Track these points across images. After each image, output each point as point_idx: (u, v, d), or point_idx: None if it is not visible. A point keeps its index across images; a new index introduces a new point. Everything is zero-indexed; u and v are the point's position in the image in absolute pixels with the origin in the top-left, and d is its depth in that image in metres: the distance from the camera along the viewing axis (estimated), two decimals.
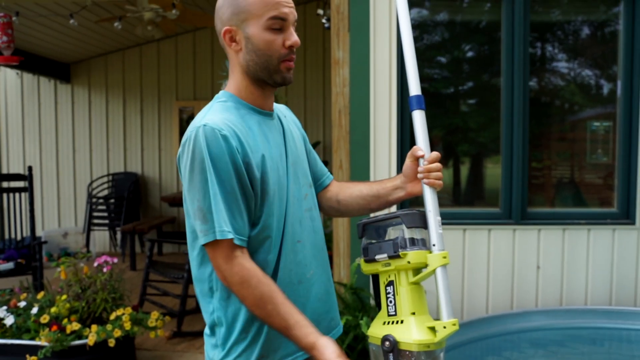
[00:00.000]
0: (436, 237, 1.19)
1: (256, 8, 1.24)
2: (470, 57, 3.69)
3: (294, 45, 1.27)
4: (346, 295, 2.95)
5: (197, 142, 1.18)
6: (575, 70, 3.64)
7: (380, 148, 3.17)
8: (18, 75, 6.93)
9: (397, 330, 1.16)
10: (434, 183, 1.26)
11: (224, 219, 1.18)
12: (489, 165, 3.63)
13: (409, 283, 1.19)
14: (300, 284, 1.31)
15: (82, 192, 7.01)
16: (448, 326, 1.13)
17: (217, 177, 1.18)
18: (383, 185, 1.41)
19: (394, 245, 1.20)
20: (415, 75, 1.30)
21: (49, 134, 7.02)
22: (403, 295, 1.18)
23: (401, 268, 1.19)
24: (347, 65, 3.19)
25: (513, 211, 3.26)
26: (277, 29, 1.25)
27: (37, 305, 3.33)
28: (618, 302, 3.26)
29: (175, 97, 6.92)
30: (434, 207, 1.22)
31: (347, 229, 3.18)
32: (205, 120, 1.21)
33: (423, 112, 1.30)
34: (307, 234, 1.35)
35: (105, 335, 3.12)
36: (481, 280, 3.24)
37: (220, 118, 1.22)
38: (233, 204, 1.19)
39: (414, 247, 1.20)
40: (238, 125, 1.24)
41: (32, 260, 4.25)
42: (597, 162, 3.67)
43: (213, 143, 1.18)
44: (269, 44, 1.25)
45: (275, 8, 1.24)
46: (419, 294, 1.20)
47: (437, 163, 1.28)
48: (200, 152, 1.18)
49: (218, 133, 1.18)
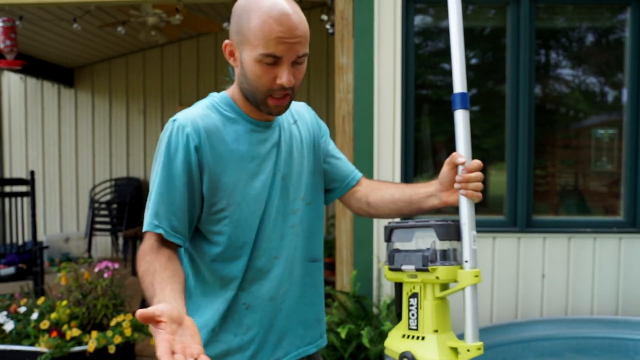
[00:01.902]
0: (469, 253, 1.11)
1: (252, 37, 1.16)
2: (474, 64, 3.67)
3: (284, 85, 1.18)
4: (348, 304, 2.92)
5: (163, 134, 1.22)
6: (580, 78, 3.62)
7: (384, 154, 3.15)
8: (22, 80, 6.94)
9: (417, 348, 1.10)
10: (473, 195, 1.16)
11: (161, 212, 1.18)
12: (493, 172, 3.60)
13: (434, 298, 1.12)
14: (271, 300, 1.28)
15: (84, 197, 7.00)
16: (472, 350, 1.07)
17: (167, 171, 1.19)
18: (416, 190, 1.33)
19: (423, 259, 1.12)
20: (462, 71, 1.18)
21: (52, 139, 7.02)
22: (427, 310, 1.12)
23: (428, 282, 1.12)
24: (351, 71, 3.17)
25: (518, 219, 3.22)
26: (269, 64, 1.17)
27: (37, 310, 3.30)
28: (625, 311, 3.21)
29: (178, 102, 6.92)
30: (469, 220, 1.13)
31: (350, 236, 3.15)
32: (180, 115, 1.22)
33: (467, 112, 1.19)
34: (288, 250, 1.30)
35: (105, 342, 3.09)
36: (485, 288, 3.20)
37: (196, 115, 1.22)
38: (174, 201, 1.19)
39: (445, 261, 1.11)
40: (212, 128, 1.22)
41: (33, 265, 4.23)
42: (602, 170, 3.64)
43: (173, 138, 1.19)
44: (257, 78, 1.19)
45: (270, 45, 1.15)
46: (444, 309, 1.14)
47: (478, 172, 1.17)
48: (161, 144, 1.21)
49: (181, 129, 1.19)
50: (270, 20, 1.14)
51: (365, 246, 3.11)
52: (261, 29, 1.15)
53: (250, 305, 1.27)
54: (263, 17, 1.14)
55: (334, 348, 2.65)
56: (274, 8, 1.15)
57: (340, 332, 2.52)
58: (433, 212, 2.16)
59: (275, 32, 1.14)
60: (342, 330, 2.52)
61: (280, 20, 1.15)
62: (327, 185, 1.45)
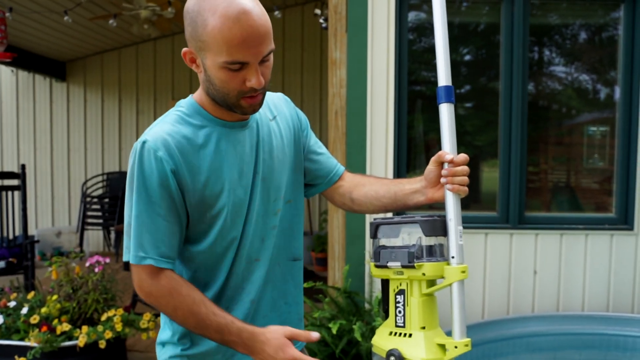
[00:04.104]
0: (456, 248, 1.09)
1: (212, 43, 1.06)
2: (467, 60, 3.66)
3: (255, 87, 1.10)
4: (340, 299, 2.91)
5: (134, 157, 1.14)
6: (573, 75, 3.62)
7: (377, 150, 3.14)
8: (13, 73, 6.88)
9: (405, 345, 1.09)
10: (459, 189, 1.13)
11: (146, 242, 1.13)
12: (485, 169, 3.60)
13: (421, 294, 1.10)
14: (251, 303, 1.27)
15: (76, 191, 6.96)
16: (460, 346, 1.06)
17: (146, 198, 1.12)
18: (401, 187, 1.29)
19: (409, 255, 1.11)
20: (447, 64, 1.17)
21: (43, 133, 6.98)
22: (414, 307, 1.10)
23: (414, 278, 1.10)
24: (344, 66, 3.16)
25: (510, 215, 3.23)
26: (235, 70, 1.08)
27: (27, 305, 3.28)
28: (615, 308, 3.23)
29: (171, 97, 6.88)
30: (455, 216, 1.11)
31: (342, 231, 3.14)
32: (148, 136, 1.13)
33: (452, 105, 1.17)
34: (268, 251, 1.28)
35: (96, 337, 3.07)
36: (477, 284, 3.20)
37: (166, 133, 1.14)
38: (159, 227, 1.13)
39: (431, 257, 1.10)
40: (184, 144, 1.15)
41: (24, 259, 4.20)
42: (594, 167, 3.65)
43: (146, 163, 1.12)
44: (224, 83, 1.11)
45: (233, 52, 1.05)
46: (431, 306, 1.12)
47: (464, 167, 1.14)
48: (133, 169, 1.13)
49: (153, 154, 1.11)
50: (229, 23, 1.03)
51: (357, 242, 3.10)
52: (220, 34, 1.04)
53: (231, 308, 1.24)
54: (220, 20, 1.03)
55: (325, 344, 2.64)
56: (231, 6, 1.04)
57: (332, 328, 2.51)
58: (424, 208, 2.15)
59: (237, 37, 1.04)
60: (334, 325, 2.51)
61: (241, 22, 1.04)
62: (309, 181, 1.42)
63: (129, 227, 1.16)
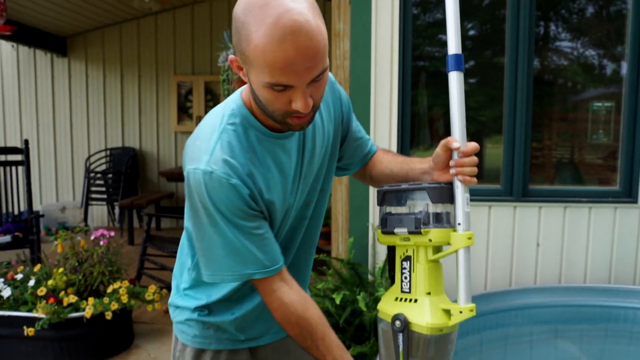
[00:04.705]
0: (462, 215, 1.08)
1: (255, 61, 0.96)
2: (473, 35, 3.62)
3: (301, 110, 1.00)
4: (343, 270, 2.93)
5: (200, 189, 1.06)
6: (579, 50, 3.58)
7: (381, 122, 3.13)
8: (13, 48, 6.84)
9: (410, 310, 1.09)
10: (467, 180, 1.10)
11: (249, 260, 1.11)
12: (489, 145, 3.59)
13: (427, 261, 1.10)
14: None
15: (79, 166, 6.98)
16: (465, 311, 1.06)
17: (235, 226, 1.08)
18: (412, 166, 1.28)
19: (415, 221, 1.10)
20: (457, 32, 1.11)
21: (45, 108, 6.96)
22: (420, 273, 1.11)
23: (421, 244, 1.10)
24: (347, 38, 3.13)
25: (514, 188, 3.23)
26: (280, 90, 0.99)
27: (34, 278, 3.31)
28: (617, 280, 3.25)
29: (173, 72, 6.84)
30: (462, 192, 1.10)
31: (346, 204, 3.15)
32: (211, 161, 1.05)
33: (461, 74, 1.11)
34: (294, 241, 1.28)
35: (102, 308, 3.11)
36: (480, 256, 3.22)
37: (226, 155, 1.07)
38: (256, 241, 1.11)
39: (438, 224, 1.10)
40: (246, 163, 1.09)
41: (29, 233, 4.23)
42: (599, 143, 3.63)
43: (221, 195, 1.05)
44: (269, 102, 1.02)
45: (275, 75, 0.95)
46: (437, 272, 1.12)
47: (473, 157, 1.11)
48: (205, 203, 1.06)
49: (225, 182, 1.05)
50: (273, 45, 0.92)
51: (360, 214, 3.11)
52: (263, 55, 0.94)
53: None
54: (264, 40, 0.93)
55: (329, 314, 2.67)
56: (279, 22, 0.92)
57: (336, 298, 2.53)
58: None
59: (281, 61, 0.93)
60: (337, 296, 2.53)
61: (286, 44, 0.92)
62: (344, 165, 1.40)
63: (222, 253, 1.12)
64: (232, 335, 1.30)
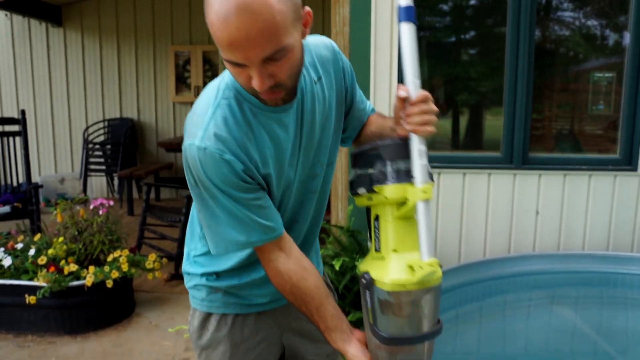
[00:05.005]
0: (418, 169, 1.06)
1: (215, 38, 0.95)
2: (473, 4, 3.56)
3: (256, 89, 0.99)
4: (343, 238, 2.94)
5: (195, 164, 1.06)
6: (581, 20, 3.52)
7: (381, 89, 3.10)
8: (7, 17, 6.73)
9: (376, 268, 1.08)
10: (418, 130, 1.05)
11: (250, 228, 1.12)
12: (489, 116, 3.57)
13: (393, 218, 1.09)
14: None
15: (77, 137, 6.94)
16: (425, 266, 1.03)
17: (233, 198, 1.09)
18: (384, 124, 1.28)
19: (370, 180, 1.09)
20: None
21: (42, 79, 6.89)
22: (386, 230, 1.10)
23: (382, 203, 1.09)
24: (347, 4, 3.07)
25: (514, 155, 3.21)
26: (237, 67, 0.98)
27: (34, 247, 3.32)
28: (615, 247, 3.26)
29: (171, 42, 6.75)
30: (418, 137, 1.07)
31: (345, 172, 3.14)
32: (205, 136, 1.05)
33: (413, 26, 1.07)
34: (305, 214, 1.28)
35: (102, 276, 3.13)
36: (480, 223, 3.22)
37: (221, 130, 1.06)
38: (254, 211, 1.11)
39: (392, 180, 1.07)
40: (244, 139, 1.09)
41: (29, 204, 4.23)
42: (600, 114, 3.61)
43: (214, 170, 1.06)
44: (235, 77, 1.03)
45: (225, 51, 0.95)
46: (407, 229, 1.09)
47: (422, 105, 1.06)
48: (200, 177, 1.07)
49: (219, 157, 1.04)
50: (218, 24, 0.92)
51: None
52: (212, 32, 0.94)
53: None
54: (212, 17, 0.93)
55: None
56: (223, 4, 0.91)
57: (335, 265, 2.55)
58: None
59: (225, 40, 0.93)
60: (337, 262, 2.55)
61: (228, 23, 0.91)
62: (346, 135, 1.39)
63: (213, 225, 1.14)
64: (240, 300, 1.32)
